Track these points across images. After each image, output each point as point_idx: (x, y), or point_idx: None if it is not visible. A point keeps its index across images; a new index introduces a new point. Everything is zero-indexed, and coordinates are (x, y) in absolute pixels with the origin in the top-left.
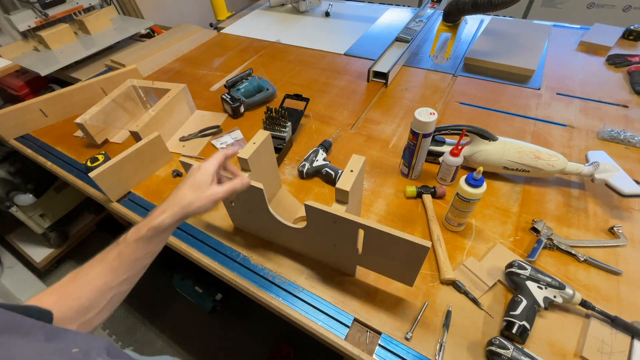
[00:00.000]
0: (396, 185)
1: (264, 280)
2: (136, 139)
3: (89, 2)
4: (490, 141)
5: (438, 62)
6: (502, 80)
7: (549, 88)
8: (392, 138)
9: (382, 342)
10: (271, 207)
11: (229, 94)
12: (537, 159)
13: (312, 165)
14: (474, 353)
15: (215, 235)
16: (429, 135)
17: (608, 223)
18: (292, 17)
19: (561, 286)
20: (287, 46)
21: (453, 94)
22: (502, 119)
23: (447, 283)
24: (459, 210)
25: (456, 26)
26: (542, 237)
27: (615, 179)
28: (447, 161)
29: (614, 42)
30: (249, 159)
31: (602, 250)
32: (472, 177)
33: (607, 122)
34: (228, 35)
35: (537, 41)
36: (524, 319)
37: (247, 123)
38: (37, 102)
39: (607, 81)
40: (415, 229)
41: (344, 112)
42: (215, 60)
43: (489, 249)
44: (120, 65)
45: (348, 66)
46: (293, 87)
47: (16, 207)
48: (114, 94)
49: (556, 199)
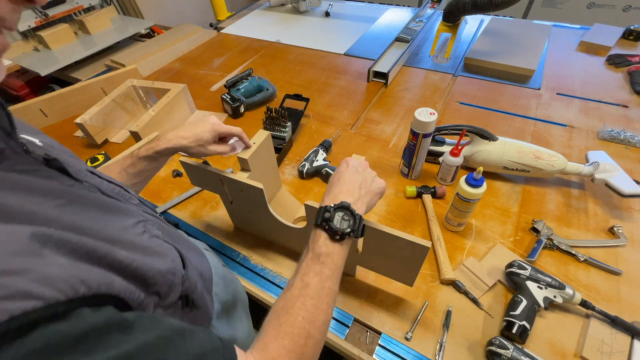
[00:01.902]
0: (396, 185)
1: (264, 280)
2: (136, 139)
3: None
4: (490, 141)
5: (438, 62)
6: (502, 80)
7: (549, 88)
8: (392, 138)
9: (382, 342)
10: (271, 207)
11: (229, 94)
12: (537, 159)
13: (312, 165)
14: (474, 353)
15: (215, 235)
16: (429, 135)
17: (608, 223)
18: (292, 17)
19: (561, 286)
20: (287, 46)
21: (453, 94)
22: (502, 119)
23: (447, 283)
24: (459, 210)
25: (456, 26)
26: (542, 237)
27: (615, 179)
28: (447, 161)
29: (614, 42)
30: (249, 159)
31: (602, 250)
32: (472, 177)
33: (607, 122)
34: (228, 35)
35: (537, 41)
36: (524, 319)
37: (247, 123)
38: (37, 102)
39: (607, 81)
40: (415, 229)
41: (344, 112)
42: (215, 60)
43: (489, 249)
44: (120, 65)
45: (348, 66)
46: (293, 87)
47: None
48: (114, 94)
49: (556, 199)
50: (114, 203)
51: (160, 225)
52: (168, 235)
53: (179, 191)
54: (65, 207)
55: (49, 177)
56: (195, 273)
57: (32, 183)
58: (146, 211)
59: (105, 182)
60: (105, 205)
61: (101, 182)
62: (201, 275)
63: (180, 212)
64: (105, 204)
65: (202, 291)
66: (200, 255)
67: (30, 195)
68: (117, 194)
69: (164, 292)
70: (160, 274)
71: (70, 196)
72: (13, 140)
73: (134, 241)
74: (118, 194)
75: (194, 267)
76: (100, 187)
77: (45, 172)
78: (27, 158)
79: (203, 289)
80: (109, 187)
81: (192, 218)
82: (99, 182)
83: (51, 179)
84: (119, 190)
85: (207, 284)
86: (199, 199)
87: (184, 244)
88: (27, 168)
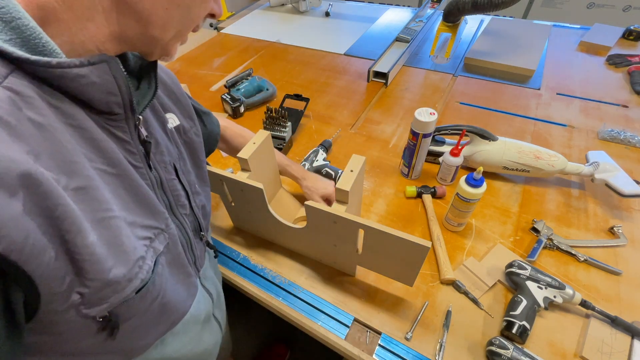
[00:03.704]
0: (396, 185)
1: (264, 280)
2: None
3: None
4: (490, 141)
5: (438, 62)
6: (502, 80)
7: (549, 88)
8: (392, 138)
9: (382, 342)
10: (271, 207)
11: (229, 94)
12: (537, 159)
13: (312, 165)
14: (474, 353)
15: (215, 235)
16: (429, 135)
17: (608, 223)
18: (292, 17)
19: (561, 286)
20: (287, 46)
21: (453, 94)
22: (502, 119)
23: (447, 283)
24: (459, 210)
25: (456, 26)
26: (542, 237)
27: (615, 179)
28: (447, 161)
29: (614, 42)
30: (249, 159)
31: (602, 250)
32: (472, 177)
33: (607, 122)
34: (228, 35)
35: (537, 41)
36: (524, 319)
37: (247, 123)
38: None
39: (607, 81)
40: (415, 229)
41: (344, 112)
42: (215, 60)
43: (489, 249)
44: None
45: (348, 66)
46: (293, 87)
47: None
48: None
49: (556, 199)
50: (153, 201)
51: (176, 245)
52: (176, 260)
53: None
54: (105, 174)
55: (128, 151)
56: (158, 312)
57: (103, 143)
58: (184, 225)
59: (174, 183)
60: (141, 196)
61: (171, 180)
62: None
63: None
64: (142, 195)
65: (147, 327)
66: (191, 296)
67: (90, 146)
68: (172, 194)
69: (93, 299)
70: (108, 277)
71: (121, 171)
72: (132, 115)
73: (119, 237)
74: (173, 194)
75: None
76: (163, 181)
77: (131, 146)
78: (129, 129)
79: (152, 326)
80: (172, 187)
81: None
82: (171, 179)
83: (128, 152)
84: (180, 195)
85: (167, 328)
86: None
87: (189, 285)
88: (119, 134)
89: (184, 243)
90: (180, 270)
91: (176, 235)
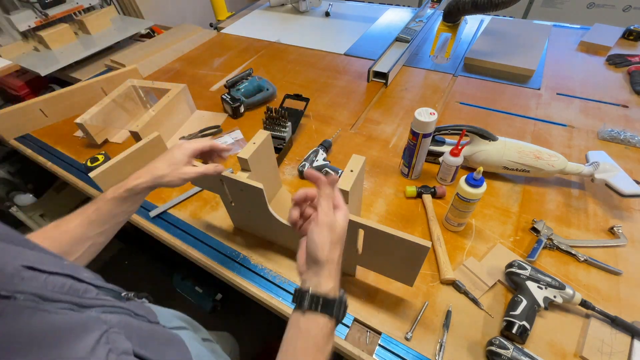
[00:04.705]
0: (396, 185)
1: (264, 280)
2: (136, 139)
3: (89, 2)
4: (490, 141)
5: (438, 62)
6: (502, 80)
7: (549, 88)
8: (392, 138)
9: (382, 342)
10: (271, 207)
11: (229, 94)
12: (537, 159)
13: (312, 165)
14: (474, 353)
15: (215, 235)
16: (429, 135)
17: (608, 223)
18: (292, 17)
19: (561, 286)
20: (287, 46)
21: (453, 94)
22: (502, 119)
23: (447, 283)
24: (459, 210)
25: (456, 26)
26: (542, 237)
27: (615, 179)
28: (447, 161)
29: (614, 42)
30: (249, 159)
31: (602, 250)
32: (472, 177)
33: (607, 122)
34: (228, 35)
35: (537, 41)
36: (524, 319)
37: (247, 123)
38: (37, 102)
39: (607, 81)
40: (415, 229)
41: (344, 112)
42: (215, 60)
43: (489, 249)
44: (120, 65)
45: (348, 66)
46: (293, 87)
47: (16, 207)
48: (114, 94)
49: (556, 199)
50: (62, 322)
51: (127, 323)
52: (139, 337)
53: (179, 191)
54: None
55: None
56: None
57: None
58: (109, 303)
59: (51, 279)
60: (46, 333)
61: (45, 282)
62: None
63: (180, 212)
64: (46, 331)
65: None
66: (178, 346)
67: None
68: (66, 292)
69: None
70: None
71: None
72: None
73: None
74: (68, 291)
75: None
76: (43, 292)
77: None
78: None
79: None
80: (55, 286)
81: (192, 218)
82: (42, 282)
83: None
84: (71, 284)
85: None
86: (199, 199)
87: (159, 340)
88: None
89: (127, 317)
90: (154, 337)
91: (115, 319)
